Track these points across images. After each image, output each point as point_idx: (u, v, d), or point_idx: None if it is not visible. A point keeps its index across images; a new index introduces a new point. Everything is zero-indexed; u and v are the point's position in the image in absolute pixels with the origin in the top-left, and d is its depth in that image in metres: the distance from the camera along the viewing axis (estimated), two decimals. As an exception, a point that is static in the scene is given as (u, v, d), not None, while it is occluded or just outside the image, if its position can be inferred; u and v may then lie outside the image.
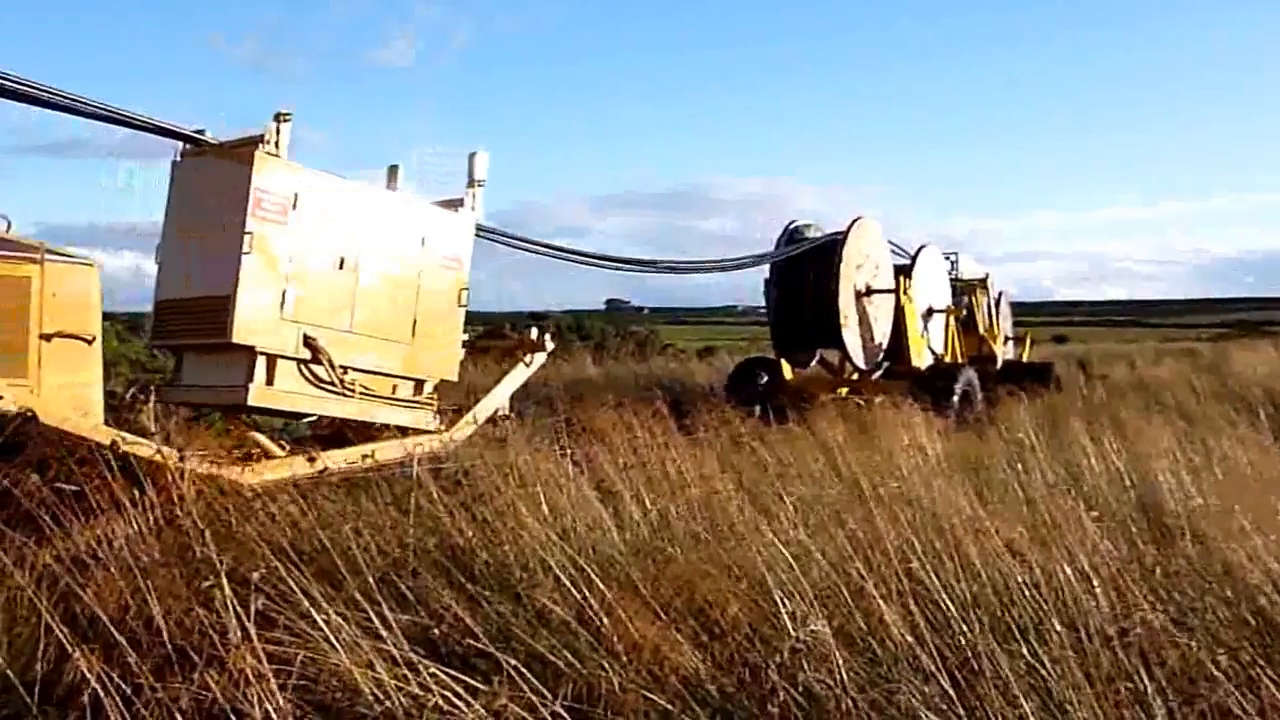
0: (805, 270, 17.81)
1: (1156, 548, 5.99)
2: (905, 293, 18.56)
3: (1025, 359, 24.48)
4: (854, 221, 18.14)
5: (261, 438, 8.89)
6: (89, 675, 3.72)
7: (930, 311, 19.57)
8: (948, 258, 21.50)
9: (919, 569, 5.21)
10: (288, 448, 8.89)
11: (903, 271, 18.97)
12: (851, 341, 17.78)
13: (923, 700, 3.91)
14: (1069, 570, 5.07)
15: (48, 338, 7.54)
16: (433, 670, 3.89)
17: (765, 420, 13.02)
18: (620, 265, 14.49)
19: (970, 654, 4.28)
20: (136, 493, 6.24)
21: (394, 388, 9.63)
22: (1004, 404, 14.55)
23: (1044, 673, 4.01)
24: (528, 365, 11.09)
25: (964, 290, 21.68)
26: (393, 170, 9.93)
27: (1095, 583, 5.00)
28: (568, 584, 5.06)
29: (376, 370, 9.39)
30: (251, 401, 8.57)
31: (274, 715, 3.78)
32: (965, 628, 4.54)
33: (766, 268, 18.42)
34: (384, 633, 4.18)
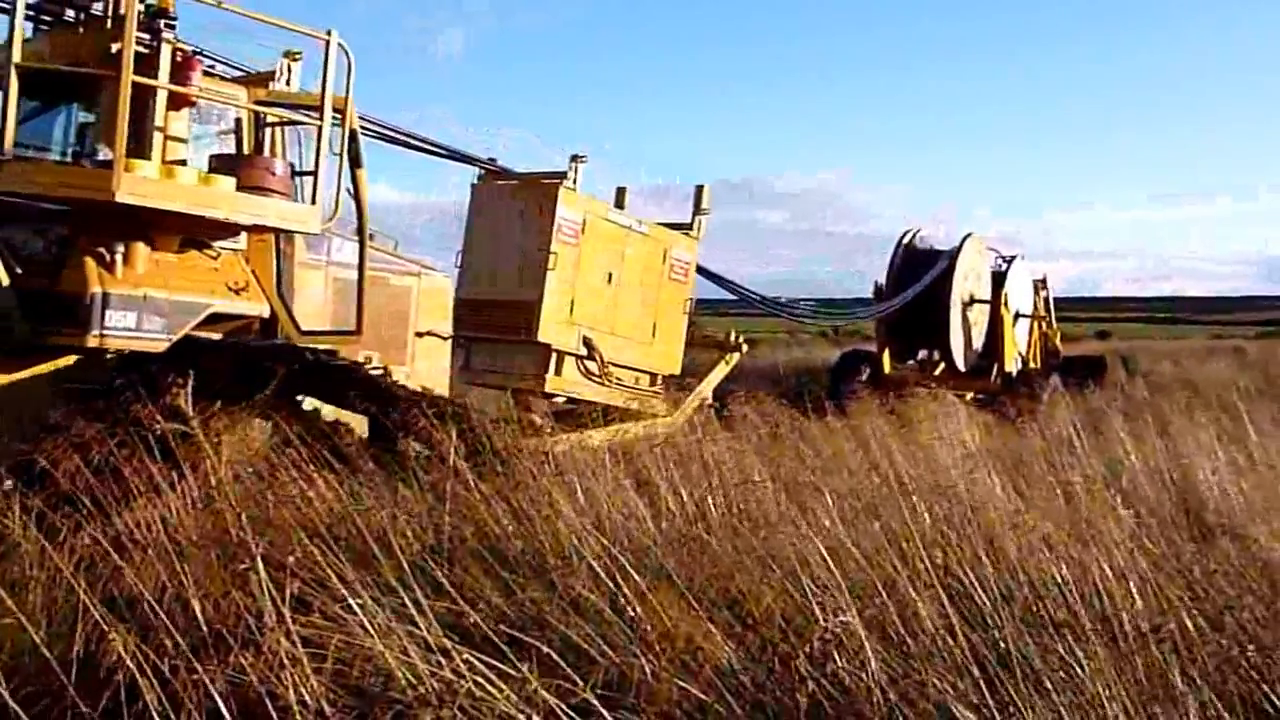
0: (920, 279, 19.45)
1: (1195, 545, 5.93)
2: (1005, 304, 20.58)
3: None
4: (965, 238, 20.24)
5: (534, 416, 10.41)
6: (125, 656, 3.74)
7: (1018, 316, 21.41)
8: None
9: (954, 563, 5.18)
10: (553, 423, 10.36)
11: (997, 280, 20.85)
12: (956, 346, 19.90)
13: (954, 693, 3.88)
14: (1105, 566, 5.02)
15: (420, 335, 9.43)
16: (466, 656, 3.88)
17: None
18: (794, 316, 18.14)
19: (1003, 648, 4.24)
20: (175, 476, 6.29)
21: (636, 379, 11.72)
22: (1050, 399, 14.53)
23: (1077, 668, 3.97)
24: (727, 364, 13.26)
25: None
26: (620, 191, 11.92)
27: (1131, 579, 4.95)
28: (601, 573, 5.06)
29: (628, 365, 11.53)
30: (547, 389, 10.79)
31: (308, 699, 3.79)
32: (999, 621, 4.50)
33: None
34: (418, 618, 4.18)
